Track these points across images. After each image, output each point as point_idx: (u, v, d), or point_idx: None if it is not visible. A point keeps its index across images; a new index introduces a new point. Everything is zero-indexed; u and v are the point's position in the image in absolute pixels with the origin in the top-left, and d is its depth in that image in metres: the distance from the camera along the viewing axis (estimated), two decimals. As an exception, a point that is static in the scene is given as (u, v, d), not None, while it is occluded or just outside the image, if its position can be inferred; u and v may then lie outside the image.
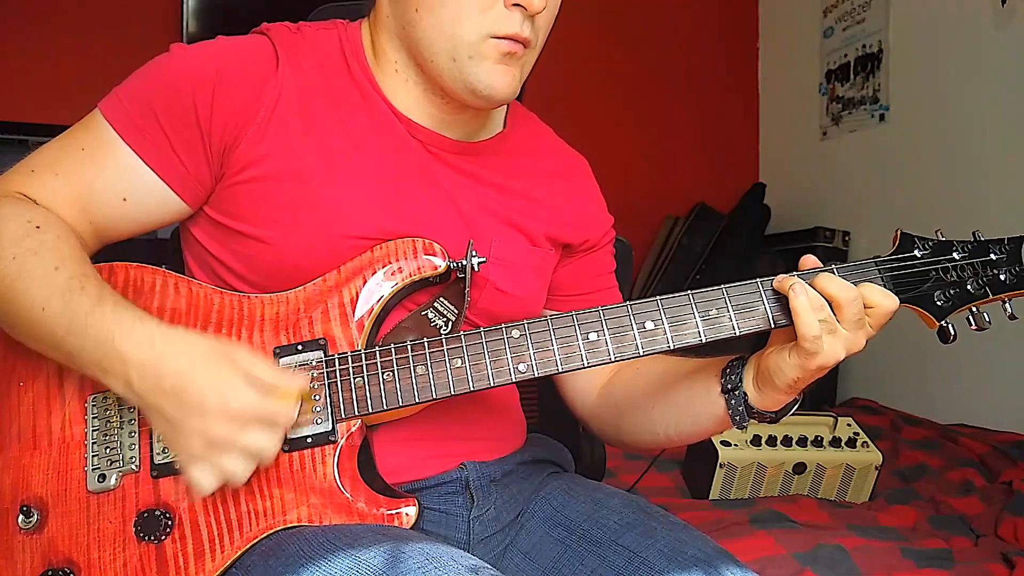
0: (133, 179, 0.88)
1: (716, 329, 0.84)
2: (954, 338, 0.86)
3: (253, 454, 0.77)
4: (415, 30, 0.89)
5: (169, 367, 0.76)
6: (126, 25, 2.95)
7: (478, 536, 0.95)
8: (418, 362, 0.84)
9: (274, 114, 0.88)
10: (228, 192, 0.89)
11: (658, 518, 0.92)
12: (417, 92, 0.93)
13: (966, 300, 0.86)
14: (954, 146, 2.74)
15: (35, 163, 0.88)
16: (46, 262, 0.81)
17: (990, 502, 1.76)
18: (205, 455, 0.76)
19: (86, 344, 0.78)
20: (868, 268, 0.86)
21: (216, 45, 0.91)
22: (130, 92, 0.89)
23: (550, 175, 1.04)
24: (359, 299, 0.88)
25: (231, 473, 0.76)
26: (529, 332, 0.85)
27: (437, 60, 0.88)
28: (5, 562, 0.82)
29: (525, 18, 0.86)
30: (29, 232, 0.82)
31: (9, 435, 0.85)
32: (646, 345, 0.84)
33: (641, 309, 0.85)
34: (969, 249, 0.87)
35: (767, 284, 0.85)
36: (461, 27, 0.86)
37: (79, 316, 0.78)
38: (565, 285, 1.08)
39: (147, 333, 0.77)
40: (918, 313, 0.87)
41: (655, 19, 3.68)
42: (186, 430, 0.76)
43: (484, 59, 0.87)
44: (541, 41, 0.92)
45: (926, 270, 0.87)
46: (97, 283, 0.81)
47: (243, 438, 0.76)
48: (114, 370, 0.77)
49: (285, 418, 0.78)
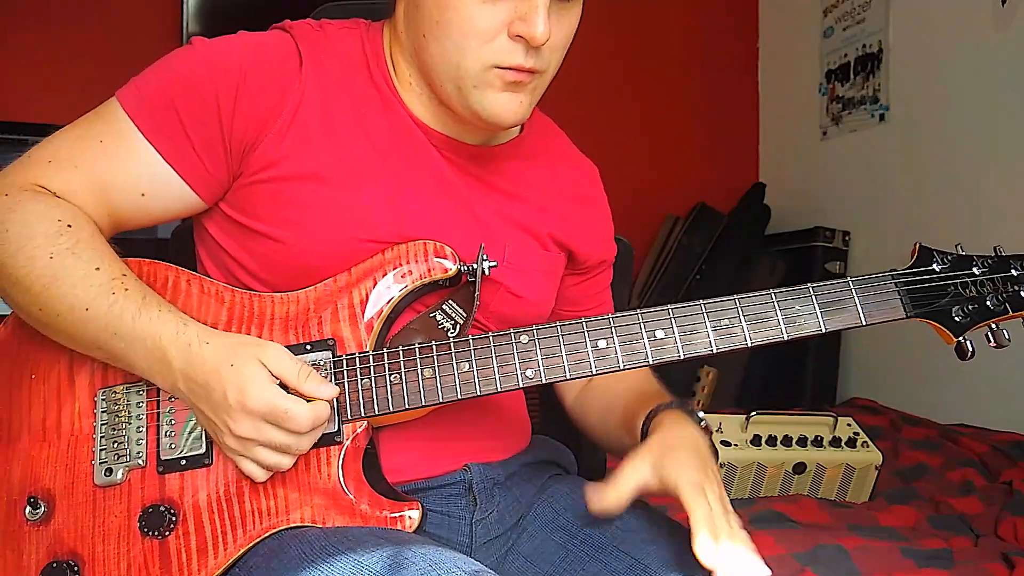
0: (151, 174, 0.87)
1: (728, 340, 0.84)
2: (972, 355, 0.85)
3: (280, 449, 0.79)
4: (423, 55, 0.88)
5: (206, 368, 0.79)
6: (126, 25, 2.95)
7: (480, 539, 0.95)
8: (426, 365, 0.84)
9: (296, 115, 0.88)
10: (245, 191, 0.89)
11: (661, 523, 0.92)
12: (432, 105, 0.93)
13: (985, 316, 0.85)
14: (954, 146, 2.74)
15: (52, 153, 0.87)
16: (86, 262, 0.81)
17: (990, 502, 1.76)
18: (239, 449, 0.79)
19: (135, 346, 0.80)
20: (885, 282, 0.85)
21: (240, 42, 0.90)
22: (150, 85, 0.87)
23: (562, 183, 1.04)
24: (369, 300, 0.88)
25: (273, 464, 0.80)
26: (538, 338, 0.84)
27: (444, 87, 0.88)
28: (12, 553, 0.83)
29: (529, 49, 0.84)
30: (62, 231, 0.82)
31: (20, 426, 0.86)
32: (656, 354, 0.84)
33: (652, 317, 0.84)
34: (989, 264, 0.86)
35: (781, 295, 0.85)
36: (465, 57, 0.84)
37: (125, 319, 0.80)
38: (560, 301, 1.08)
39: (189, 337, 0.80)
40: (935, 328, 0.86)
41: (655, 19, 3.68)
42: (219, 426, 0.79)
43: (488, 87, 0.86)
44: (554, 66, 0.90)
45: (944, 285, 0.85)
46: (137, 284, 0.83)
47: (264, 435, 0.78)
48: (161, 372, 0.80)
49: (301, 418, 0.78)
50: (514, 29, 0.83)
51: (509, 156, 1.00)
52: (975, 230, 2.49)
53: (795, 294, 0.85)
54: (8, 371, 0.88)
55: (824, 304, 0.85)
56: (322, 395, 0.80)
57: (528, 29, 0.82)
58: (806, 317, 0.84)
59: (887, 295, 0.85)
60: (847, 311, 0.85)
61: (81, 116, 0.89)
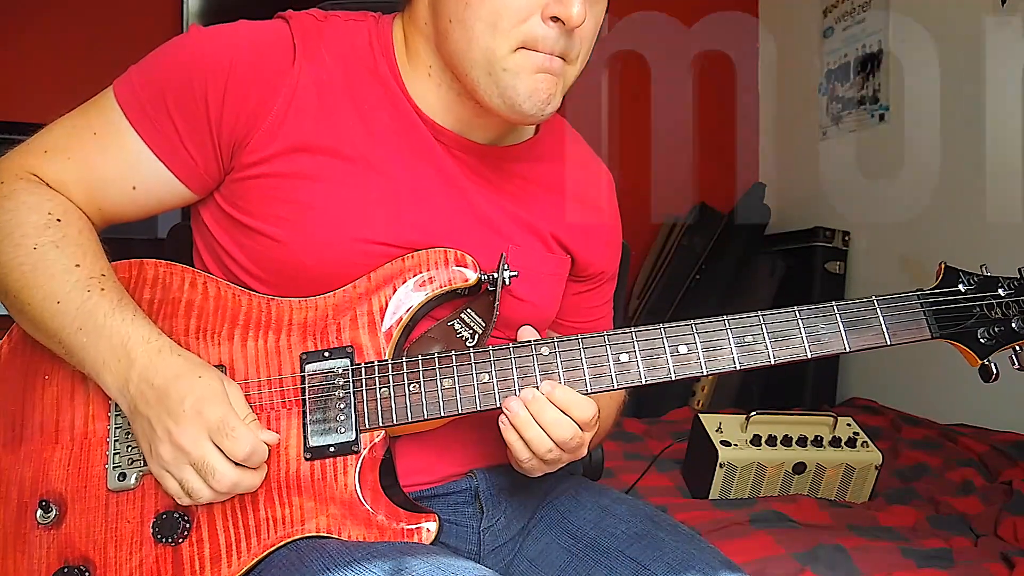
0: (142, 167, 0.88)
1: (752, 357, 0.84)
2: (996, 377, 0.84)
3: (208, 471, 0.77)
4: (448, 42, 0.86)
5: (169, 373, 0.78)
6: (126, 25, 2.94)
7: (488, 547, 0.95)
8: (445, 375, 0.84)
9: (289, 110, 0.87)
10: (238, 185, 0.89)
11: (666, 528, 0.92)
12: (450, 96, 0.91)
13: (1011, 339, 0.84)
14: (954, 146, 2.74)
15: (47, 143, 0.89)
16: (67, 256, 0.82)
17: (990, 502, 1.77)
18: (169, 462, 0.77)
19: (98, 342, 0.80)
20: (911, 301, 0.85)
21: (234, 32, 0.89)
22: (144, 76, 0.88)
23: (572, 186, 1.03)
24: (388, 308, 0.87)
25: (195, 489, 0.77)
26: (559, 350, 0.84)
27: (472, 73, 0.85)
28: (22, 556, 0.82)
29: (563, 33, 0.83)
30: (51, 223, 0.83)
31: (32, 427, 0.86)
32: (679, 370, 0.83)
33: (675, 332, 0.84)
34: (1015, 286, 0.86)
35: (805, 312, 0.85)
36: (496, 38, 0.82)
37: (97, 316, 0.80)
38: (562, 312, 1.06)
39: (161, 344, 0.80)
40: (960, 350, 0.85)
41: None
42: (158, 435, 0.78)
43: (521, 70, 0.83)
44: (582, 59, 0.88)
45: (970, 306, 0.85)
46: (115, 286, 0.83)
47: (199, 449, 0.77)
48: (116, 369, 0.79)
49: (243, 440, 0.77)
50: (549, 11, 0.81)
51: (520, 157, 0.98)
52: (975, 230, 2.50)
53: (819, 312, 0.85)
54: (21, 372, 0.88)
55: (848, 323, 0.84)
56: (264, 437, 0.80)
57: (564, 10, 0.81)
58: (830, 336, 0.84)
59: (913, 315, 0.84)
60: (872, 330, 0.85)
61: (83, 104, 0.91)
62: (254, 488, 0.80)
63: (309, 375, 0.85)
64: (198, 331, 0.87)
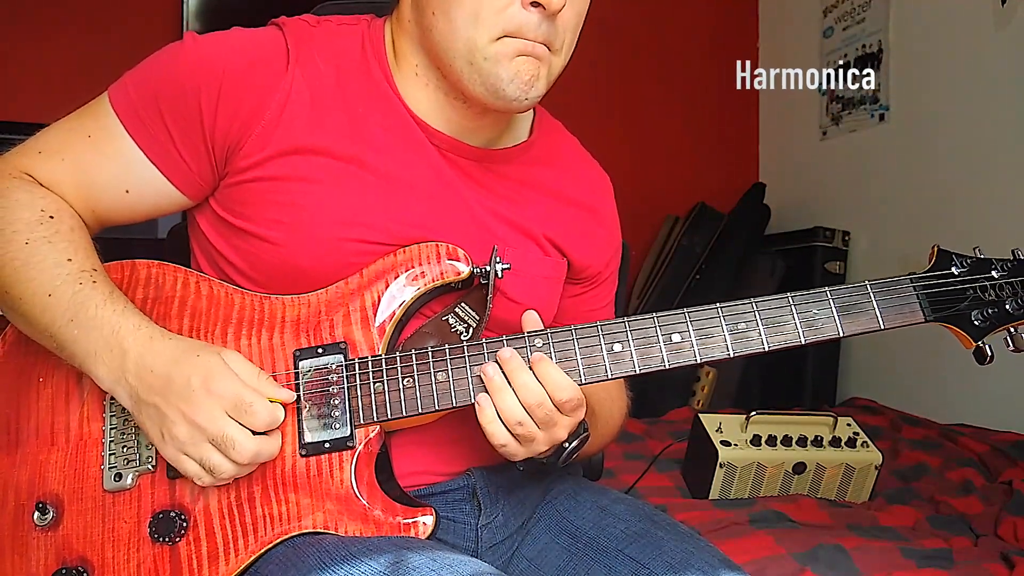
0: (135, 172, 0.88)
1: (745, 344, 0.83)
2: (991, 359, 0.84)
3: (228, 444, 0.77)
4: (432, 34, 0.87)
5: (165, 357, 0.79)
6: (127, 25, 2.95)
7: (486, 544, 0.95)
8: (439, 368, 0.84)
9: (282, 115, 0.87)
10: (233, 190, 0.89)
11: (665, 527, 0.92)
12: (438, 96, 0.91)
13: (1004, 320, 0.84)
14: (954, 146, 2.74)
15: (42, 144, 0.90)
16: (59, 251, 0.83)
17: (990, 502, 1.77)
18: (186, 442, 0.77)
19: (90, 334, 0.80)
20: (904, 285, 0.85)
21: (228, 40, 0.90)
22: (138, 82, 0.89)
23: (568, 189, 1.02)
24: (380, 303, 0.88)
25: (216, 465, 0.78)
26: (552, 341, 0.84)
27: (455, 64, 0.86)
28: (20, 559, 0.83)
29: (544, 19, 0.83)
30: (43, 220, 0.84)
31: (27, 430, 0.86)
32: (672, 358, 0.83)
33: (668, 321, 0.84)
34: (1009, 268, 0.85)
35: (798, 298, 0.85)
36: (478, 28, 0.83)
37: (88, 307, 0.80)
38: (559, 315, 1.06)
39: (151, 331, 0.81)
40: (954, 333, 0.85)
41: (656, 18, 3.68)
42: (170, 418, 0.78)
43: (502, 57, 0.84)
44: (568, 46, 0.89)
45: (963, 288, 0.85)
46: (106, 281, 0.84)
47: (217, 425, 0.77)
48: (109, 360, 0.80)
49: (262, 413, 0.78)
50: None
51: (514, 160, 0.98)
52: (976, 230, 2.49)
53: (812, 297, 0.85)
54: (16, 374, 0.88)
55: (842, 308, 0.84)
56: (279, 397, 0.81)
57: None
58: (823, 321, 0.84)
59: (906, 299, 0.84)
60: (865, 315, 0.84)
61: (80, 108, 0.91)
62: (274, 455, 0.81)
63: (303, 372, 0.85)
64: (192, 330, 0.87)
